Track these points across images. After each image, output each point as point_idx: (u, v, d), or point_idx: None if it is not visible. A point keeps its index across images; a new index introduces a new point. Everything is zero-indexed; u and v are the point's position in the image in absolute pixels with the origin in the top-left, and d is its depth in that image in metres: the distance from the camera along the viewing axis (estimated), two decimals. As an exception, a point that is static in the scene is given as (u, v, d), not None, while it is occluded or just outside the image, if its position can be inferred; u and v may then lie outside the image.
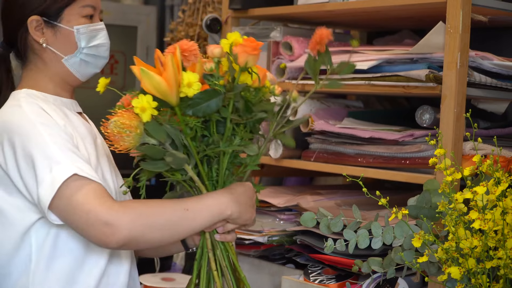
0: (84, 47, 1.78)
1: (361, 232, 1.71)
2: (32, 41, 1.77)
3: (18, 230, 1.66)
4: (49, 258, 1.66)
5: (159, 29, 3.87)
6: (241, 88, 1.60)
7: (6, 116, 1.69)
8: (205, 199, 1.65)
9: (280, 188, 2.42)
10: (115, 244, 1.56)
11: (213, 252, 1.68)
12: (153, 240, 1.62)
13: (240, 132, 1.63)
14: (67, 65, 1.78)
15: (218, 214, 1.65)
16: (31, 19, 1.75)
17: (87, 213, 1.55)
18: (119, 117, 1.54)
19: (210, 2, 3.08)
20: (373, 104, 2.51)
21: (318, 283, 1.99)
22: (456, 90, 1.83)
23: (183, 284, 2.64)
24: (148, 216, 1.59)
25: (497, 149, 1.64)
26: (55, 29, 1.76)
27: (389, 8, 2.05)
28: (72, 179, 1.58)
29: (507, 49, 2.24)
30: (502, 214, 1.44)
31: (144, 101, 1.54)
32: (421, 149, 1.96)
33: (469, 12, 1.84)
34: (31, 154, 1.60)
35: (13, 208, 1.65)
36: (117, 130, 1.54)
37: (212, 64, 1.60)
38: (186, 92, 1.55)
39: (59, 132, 1.65)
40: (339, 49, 2.21)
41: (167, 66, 1.54)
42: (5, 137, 1.64)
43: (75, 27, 1.77)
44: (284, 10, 2.30)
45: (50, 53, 1.77)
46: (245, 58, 1.59)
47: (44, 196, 1.58)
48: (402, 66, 1.98)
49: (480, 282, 1.47)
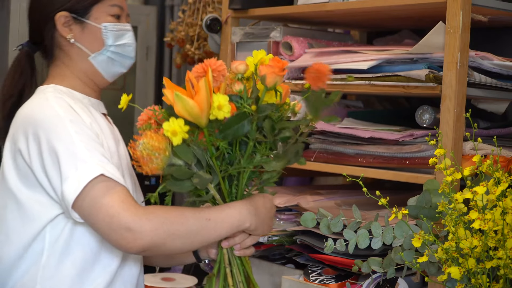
0: (111, 44, 1.78)
1: (361, 232, 1.71)
2: (59, 38, 1.77)
3: (35, 225, 1.65)
4: (62, 253, 1.65)
5: (159, 29, 3.87)
6: (270, 109, 1.58)
7: (32, 109, 1.67)
8: (226, 210, 1.63)
9: (280, 188, 2.42)
10: (135, 250, 1.55)
11: (230, 268, 1.67)
12: (173, 248, 1.61)
13: (261, 150, 1.61)
14: (93, 63, 1.78)
15: (238, 226, 1.63)
16: (59, 14, 1.75)
17: (111, 217, 1.54)
18: (148, 139, 1.53)
19: (210, 2, 3.08)
20: (373, 104, 2.51)
21: (318, 283, 1.99)
22: (456, 90, 1.83)
23: (183, 284, 2.64)
24: (171, 224, 1.57)
25: (497, 149, 1.64)
26: (83, 25, 1.76)
27: (389, 8, 2.05)
28: (98, 179, 1.57)
29: (507, 49, 2.24)
30: (502, 214, 1.44)
31: (176, 125, 1.52)
32: (421, 149, 1.96)
33: (469, 12, 1.84)
34: (57, 149, 1.59)
35: (33, 202, 1.64)
36: (146, 152, 1.52)
37: (241, 86, 1.58)
38: (216, 115, 1.54)
39: (86, 130, 1.64)
40: (339, 49, 2.21)
41: (200, 90, 1.52)
42: (30, 130, 1.63)
43: (103, 24, 1.77)
44: (284, 10, 2.30)
45: (77, 49, 1.77)
46: (274, 79, 1.58)
47: (68, 193, 1.57)
48: (402, 66, 1.98)
49: (480, 282, 1.47)
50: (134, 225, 1.53)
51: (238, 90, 1.59)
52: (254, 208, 1.65)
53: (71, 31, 1.77)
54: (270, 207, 1.70)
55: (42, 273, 1.65)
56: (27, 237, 1.65)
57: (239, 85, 1.58)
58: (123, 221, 1.53)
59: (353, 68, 2.06)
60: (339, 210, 2.00)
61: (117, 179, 1.59)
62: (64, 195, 1.57)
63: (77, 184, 1.56)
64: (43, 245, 1.65)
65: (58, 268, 1.65)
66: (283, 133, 1.61)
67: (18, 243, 1.66)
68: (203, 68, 1.60)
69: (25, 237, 1.66)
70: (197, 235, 1.61)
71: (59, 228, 1.65)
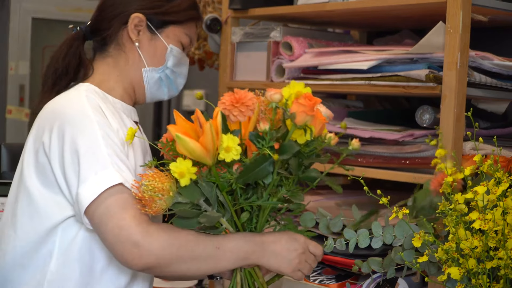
0: (169, 67, 1.77)
1: (362, 232, 1.71)
2: (123, 36, 1.75)
3: (45, 224, 1.61)
4: (72, 260, 1.61)
5: (159, 29, 3.87)
6: (295, 149, 1.50)
7: (62, 104, 1.65)
8: (236, 239, 1.57)
9: (280, 188, 2.42)
10: (139, 267, 1.51)
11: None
12: (177, 271, 1.56)
13: (287, 185, 1.55)
14: (144, 76, 1.76)
15: (244, 258, 1.57)
16: (136, 15, 1.73)
17: (120, 228, 1.50)
18: (150, 181, 1.47)
19: (210, 2, 3.08)
20: (373, 104, 2.51)
21: (318, 283, 1.99)
22: (456, 90, 1.83)
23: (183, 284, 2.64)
24: (179, 247, 1.52)
25: (497, 149, 1.64)
26: (152, 36, 1.75)
27: (389, 8, 2.05)
28: (116, 188, 1.53)
29: (507, 49, 2.24)
30: (502, 214, 1.44)
31: (183, 166, 1.46)
32: (421, 149, 1.96)
33: (469, 12, 1.83)
34: (79, 149, 1.56)
35: (45, 200, 1.61)
36: (148, 194, 1.47)
37: (267, 126, 1.50)
38: (223, 157, 1.47)
39: (112, 136, 1.60)
40: (339, 49, 2.21)
41: (205, 133, 1.46)
42: (55, 124, 1.60)
43: (171, 45, 1.76)
44: (284, 10, 2.30)
45: (137, 55, 1.75)
46: (304, 119, 1.50)
47: (84, 197, 1.53)
48: (402, 66, 1.98)
49: (480, 282, 1.47)
50: (143, 242, 1.49)
51: (262, 130, 1.51)
52: (261, 241, 1.58)
53: (139, 36, 1.75)
54: (294, 247, 1.60)
55: (50, 277, 1.61)
56: (35, 235, 1.62)
57: (265, 125, 1.51)
58: (132, 236, 1.49)
59: (353, 68, 2.06)
60: (339, 210, 2.00)
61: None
62: (79, 198, 1.54)
63: (94, 189, 1.53)
64: (53, 247, 1.61)
65: (66, 275, 1.61)
66: (309, 172, 1.54)
67: (24, 239, 1.63)
68: (231, 101, 1.50)
69: (32, 235, 1.62)
70: (204, 262, 1.56)
71: (71, 234, 1.61)
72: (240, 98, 1.50)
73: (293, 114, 1.49)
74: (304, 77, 2.21)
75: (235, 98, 1.50)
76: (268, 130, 1.50)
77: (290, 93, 1.52)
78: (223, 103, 1.51)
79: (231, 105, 1.49)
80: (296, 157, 1.53)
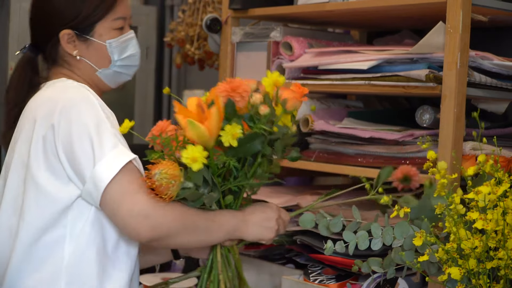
0: (117, 59, 1.80)
1: (361, 234, 1.71)
2: (63, 53, 1.78)
3: (53, 208, 1.63)
4: (86, 243, 1.64)
5: (159, 29, 3.87)
6: (285, 132, 1.66)
7: (57, 92, 1.68)
8: (226, 215, 1.69)
9: (280, 188, 2.42)
10: (148, 238, 1.59)
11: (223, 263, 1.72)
12: (181, 242, 1.68)
13: (263, 165, 1.68)
14: (100, 77, 1.80)
15: (231, 232, 1.69)
16: (63, 33, 1.75)
17: (134, 203, 1.57)
18: (165, 168, 1.54)
19: (210, 2, 3.08)
20: (373, 104, 2.51)
21: (318, 283, 1.99)
22: (456, 90, 1.83)
23: (183, 284, 2.64)
24: (186, 219, 1.62)
25: (497, 149, 1.64)
26: (87, 42, 1.77)
27: (389, 8, 2.05)
28: (128, 166, 1.59)
29: (507, 49, 2.24)
30: (502, 214, 1.44)
31: (196, 152, 1.54)
32: (421, 149, 1.96)
33: (469, 12, 1.83)
34: (89, 129, 1.60)
35: (52, 186, 1.63)
36: (165, 181, 1.54)
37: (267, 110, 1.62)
38: (230, 141, 1.58)
39: (112, 119, 1.66)
40: (339, 49, 2.21)
41: (211, 117, 1.56)
42: (57, 110, 1.62)
43: (107, 41, 1.78)
44: (284, 10, 2.30)
45: (84, 63, 1.78)
46: (294, 104, 1.66)
47: (102, 174, 1.58)
48: (402, 66, 1.98)
49: (480, 282, 1.47)
50: (154, 214, 1.56)
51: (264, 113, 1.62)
52: (242, 216, 1.70)
53: (76, 47, 1.77)
54: (269, 216, 1.73)
55: (67, 263, 1.63)
56: (43, 220, 1.63)
57: (266, 109, 1.62)
58: (144, 209, 1.56)
59: (353, 68, 2.06)
60: (339, 210, 1.99)
61: (141, 169, 1.62)
62: (97, 175, 1.58)
63: (113, 166, 1.58)
64: (64, 232, 1.64)
65: (84, 259, 1.64)
66: (292, 153, 1.71)
67: (33, 227, 1.64)
68: (226, 91, 1.62)
69: (40, 221, 1.64)
70: (202, 234, 1.66)
71: (82, 216, 1.64)
72: (236, 87, 1.62)
73: (284, 100, 1.65)
74: (304, 77, 2.21)
75: (231, 87, 1.62)
76: (267, 113, 1.62)
77: (269, 83, 1.67)
78: (220, 92, 1.61)
79: (228, 94, 1.60)
80: (281, 140, 1.67)
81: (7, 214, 1.70)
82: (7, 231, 1.69)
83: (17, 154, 1.70)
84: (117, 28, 1.79)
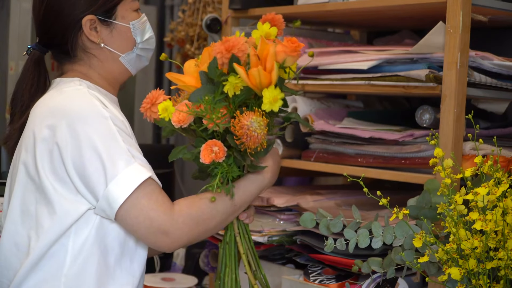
0: (139, 42, 1.77)
1: (362, 232, 1.71)
2: (85, 41, 1.72)
3: (63, 223, 1.61)
4: (87, 254, 1.62)
5: (159, 29, 3.87)
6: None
7: (62, 101, 1.63)
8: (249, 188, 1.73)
9: (280, 188, 2.42)
10: (172, 250, 1.64)
11: (240, 236, 1.77)
12: (211, 232, 1.71)
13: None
14: (124, 63, 1.76)
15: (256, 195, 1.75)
16: (86, 19, 1.70)
17: (151, 220, 1.58)
18: (258, 118, 1.55)
19: (210, 2, 3.08)
20: (373, 104, 2.51)
21: (318, 283, 1.99)
22: (456, 90, 1.83)
23: (183, 284, 2.65)
24: (204, 220, 1.65)
25: (497, 149, 1.64)
26: (111, 27, 1.73)
27: (389, 8, 2.05)
28: (147, 182, 1.59)
29: (507, 49, 2.24)
30: (502, 214, 1.44)
31: (276, 92, 1.58)
32: (421, 149, 1.96)
33: (469, 12, 1.83)
34: (98, 146, 1.57)
35: (62, 200, 1.60)
36: (261, 130, 1.55)
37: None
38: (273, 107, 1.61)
39: (124, 129, 1.63)
40: (339, 49, 2.21)
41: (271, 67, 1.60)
42: (63, 123, 1.59)
43: (131, 22, 1.75)
44: (284, 10, 2.30)
45: (107, 52, 1.74)
46: (283, 58, 1.66)
47: (116, 194, 1.57)
48: (402, 66, 1.98)
49: (480, 282, 1.47)
50: (172, 230, 1.60)
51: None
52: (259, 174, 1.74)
53: (99, 34, 1.72)
54: (278, 159, 1.83)
55: (67, 273, 1.61)
56: (53, 234, 1.61)
57: None
58: (162, 226, 1.59)
59: (353, 68, 2.06)
60: (339, 210, 2.00)
61: (158, 182, 1.62)
62: (110, 195, 1.57)
63: (127, 186, 1.57)
64: (67, 242, 1.61)
65: (83, 271, 1.62)
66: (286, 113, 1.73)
67: (44, 239, 1.62)
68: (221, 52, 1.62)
69: (50, 234, 1.62)
70: (225, 221, 1.72)
71: (85, 229, 1.62)
72: (235, 45, 1.63)
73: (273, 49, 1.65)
74: (304, 77, 2.21)
75: (226, 47, 1.62)
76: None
77: (259, 34, 1.69)
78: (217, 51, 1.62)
79: (228, 53, 1.61)
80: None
81: (14, 226, 1.68)
82: (14, 244, 1.67)
83: (23, 165, 1.66)
84: (135, 10, 1.76)
